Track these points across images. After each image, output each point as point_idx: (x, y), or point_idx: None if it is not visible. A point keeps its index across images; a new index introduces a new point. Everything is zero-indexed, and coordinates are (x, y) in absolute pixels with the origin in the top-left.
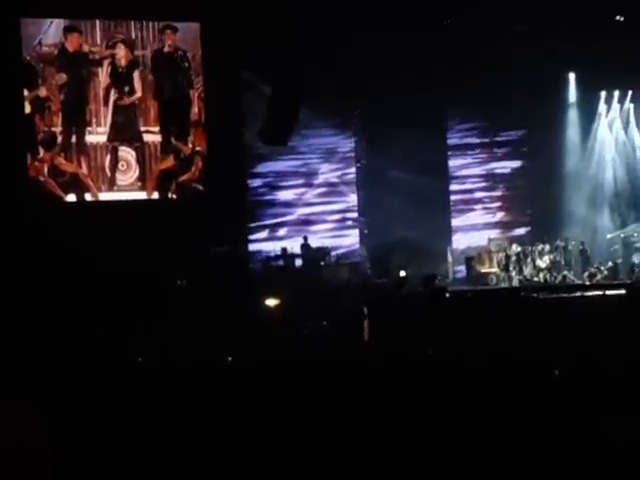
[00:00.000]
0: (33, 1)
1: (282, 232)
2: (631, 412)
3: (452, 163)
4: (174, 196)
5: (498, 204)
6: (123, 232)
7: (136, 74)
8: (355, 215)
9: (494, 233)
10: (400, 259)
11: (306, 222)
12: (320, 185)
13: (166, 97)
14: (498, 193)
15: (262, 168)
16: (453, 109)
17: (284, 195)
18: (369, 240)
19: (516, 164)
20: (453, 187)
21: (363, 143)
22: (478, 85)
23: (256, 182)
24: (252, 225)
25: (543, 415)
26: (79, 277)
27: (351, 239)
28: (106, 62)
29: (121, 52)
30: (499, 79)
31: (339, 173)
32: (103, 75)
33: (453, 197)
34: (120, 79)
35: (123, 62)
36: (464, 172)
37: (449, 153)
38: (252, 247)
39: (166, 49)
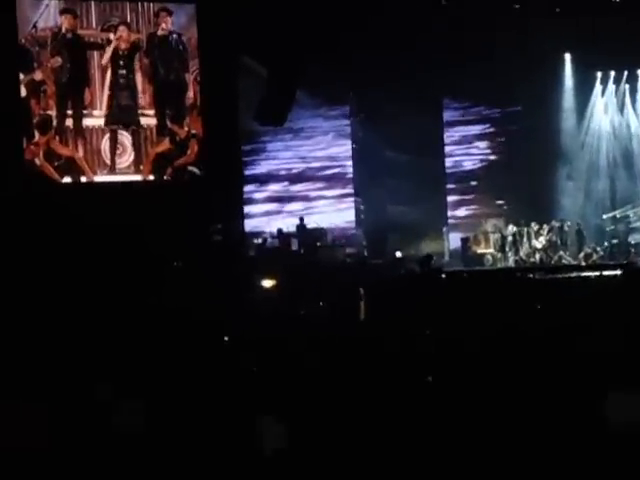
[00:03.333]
0: None
1: (278, 212)
2: (630, 391)
3: (448, 143)
4: (169, 178)
5: (495, 186)
6: (119, 213)
7: (136, 57)
8: (351, 195)
9: (490, 215)
10: (396, 240)
11: (302, 201)
12: (316, 167)
13: (161, 80)
14: (493, 174)
15: (258, 149)
16: (450, 90)
17: (281, 175)
18: (365, 220)
19: (510, 145)
20: (449, 168)
21: (359, 123)
22: (474, 65)
23: (252, 163)
24: (248, 206)
25: (542, 394)
26: (75, 260)
27: (348, 219)
28: (105, 45)
29: (123, 35)
30: (495, 59)
31: (335, 153)
32: (102, 58)
33: (449, 178)
34: (120, 62)
35: (124, 45)
36: (459, 152)
37: (446, 133)
38: (248, 228)
39: (161, 32)
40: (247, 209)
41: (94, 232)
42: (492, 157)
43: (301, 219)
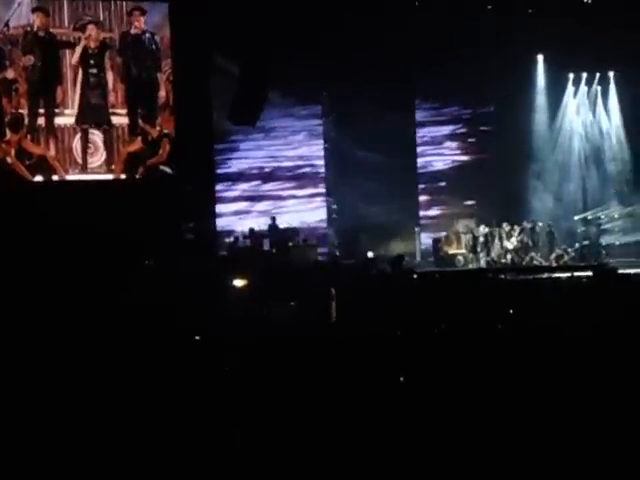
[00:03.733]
0: None
1: (249, 211)
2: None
3: (420, 143)
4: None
5: (466, 187)
6: (90, 212)
7: (107, 56)
8: (323, 195)
9: (461, 215)
10: (368, 240)
11: (274, 200)
12: (288, 167)
13: (134, 79)
14: (467, 175)
15: (230, 149)
16: (422, 90)
17: (252, 175)
18: (337, 220)
19: (483, 148)
20: (420, 168)
21: (331, 123)
22: (447, 66)
23: (224, 162)
24: (218, 205)
25: (515, 394)
26: (47, 259)
27: (319, 219)
28: (77, 43)
29: (92, 33)
30: (467, 60)
31: (307, 153)
32: (73, 57)
33: (421, 178)
34: (90, 61)
35: (93, 44)
36: (431, 152)
37: (417, 134)
38: (219, 227)
39: (134, 31)
40: (218, 208)
41: (65, 231)
42: (463, 157)
43: (273, 218)
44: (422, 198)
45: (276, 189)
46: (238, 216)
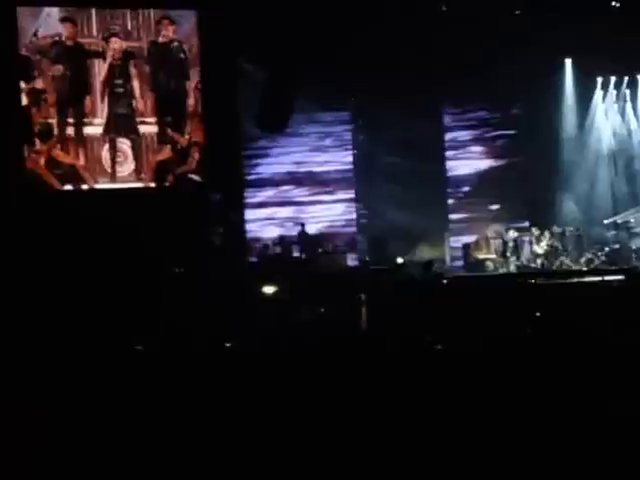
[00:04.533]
0: None
1: (276, 217)
2: (631, 396)
3: (448, 148)
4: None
5: (494, 191)
6: (120, 220)
7: (131, 65)
8: (352, 201)
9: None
10: (397, 246)
11: (301, 206)
12: (316, 173)
13: (162, 88)
14: (495, 180)
15: (256, 154)
16: (449, 95)
17: (279, 180)
18: (366, 226)
19: (511, 152)
20: (448, 173)
21: (360, 128)
22: (475, 70)
23: (253, 169)
24: (248, 211)
25: (543, 399)
26: (77, 267)
27: (349, 225)
28: (105, 53)
29: (115, 45)
30: (494, 64)
31: (336, 159)
32: (101, 67)
33: (450, 183)
34: (115, 72)
35: (117, 55)
36: (458, 156)
37: (446, 138)
38: (249, 234)
39: (162, 40)
40: (245, 215)
41: (95, 239)
42: (491, 161)
43: (302, 225)
44: (451, 203)
45: (304, 195)
46: (266, 222)
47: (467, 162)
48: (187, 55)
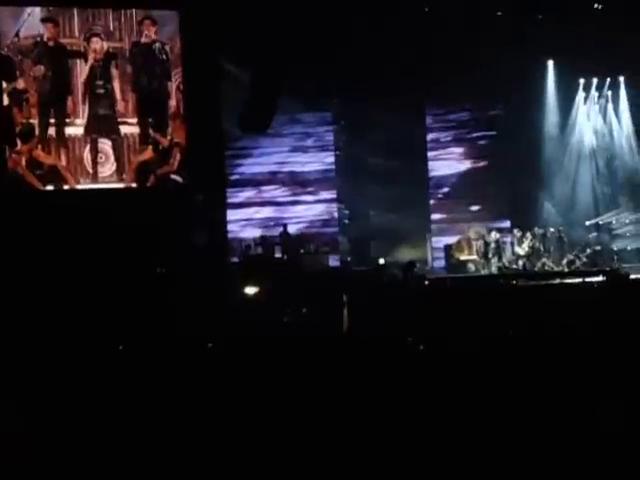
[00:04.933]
0: None
1: (260, 217)
2: (616, 396)
3: (430, 149)
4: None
5: (475, 192)
6: (101, 220)
7: (113, 66)
8: (334, 201)
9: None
10: (379, 246)
11: (285, 208)
12: (299, 173)
13: (144, 89)
14: (476, 180)
15: (238, 154)
16: (431, 95)
17: (260, 181)
18: (348, 226)
19: (493, 152)
20: (431, 175)
21: (342, 129)
22: (457, 71)
23: (235, 169)
24: (230, 211)
25: (527, 400)
26: (59, 267)
27: (331, 225)
28: (87, 54)
29: (97, 45)
30: (478, 65)
31: (318, 159)
32: (82, 67)
33: (432, 185)
34: (96, 72)
35: (99, 55)
36: (440, 157)
37: (428, 139)
38: (231, 234)
39: (144, 40)
40: (228, 215)
41: (77, 239)
42: (473, 163)
43: (284, 226)
44: (433, 204)
45: (286, 195)
46: (246, 222)
47: (449, 163)
48: (169, 56)
